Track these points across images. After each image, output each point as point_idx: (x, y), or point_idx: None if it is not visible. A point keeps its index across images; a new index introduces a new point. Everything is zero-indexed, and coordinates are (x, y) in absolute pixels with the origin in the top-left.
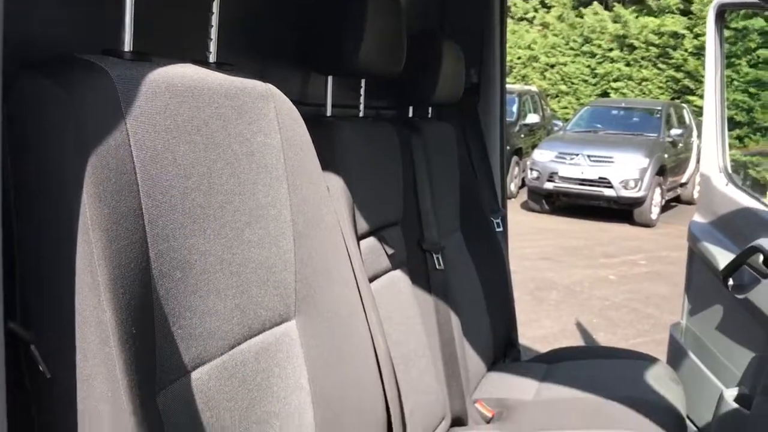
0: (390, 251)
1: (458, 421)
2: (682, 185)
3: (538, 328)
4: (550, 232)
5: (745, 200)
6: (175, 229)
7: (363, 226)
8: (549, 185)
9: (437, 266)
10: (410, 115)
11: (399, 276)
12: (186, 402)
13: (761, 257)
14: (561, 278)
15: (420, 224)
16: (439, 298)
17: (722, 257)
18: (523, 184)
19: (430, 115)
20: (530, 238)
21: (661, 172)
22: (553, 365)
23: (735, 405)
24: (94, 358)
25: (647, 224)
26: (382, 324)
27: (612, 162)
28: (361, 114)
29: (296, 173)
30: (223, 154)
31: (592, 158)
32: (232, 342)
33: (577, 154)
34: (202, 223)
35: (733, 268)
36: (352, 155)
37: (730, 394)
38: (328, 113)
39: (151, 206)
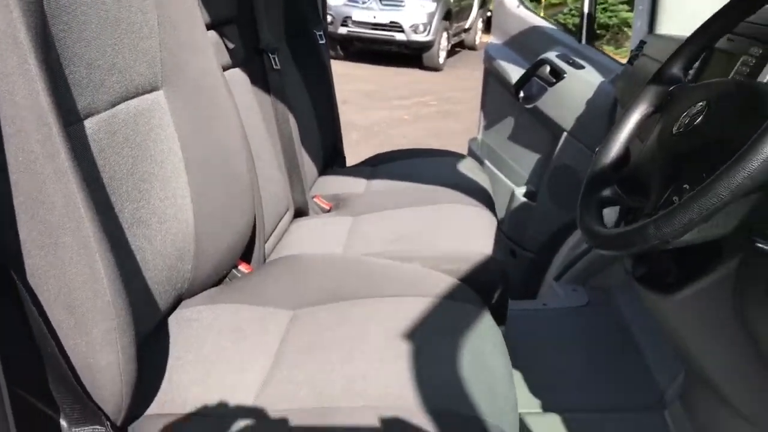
0: (231, 45)
1: (300, 212)
2: (465, 30)
3: None
4: (347, 77)
5: (534, 19)
6: None
7: (204, 17)
8: (343, 30)
9: (274, 66)
10: None
11: (239, 74)
12: (83, 146)
13: (548, 68)
14: (360, 120)
15: (255, 25)
16: (277, 98)
17: (514, 72)
18: None
19: None
20: None
21: (447, 17)
22: (378, 166)
23: (524, 199)
24: (14, 74)
25: (435, 68)
26: None
27: (402, 6)
28: None
29: None
30: None
31: (383, 2)
32: (113, 99)
33: None
34: None
35: (523, 81)
36: None
37: (520, 191)
38: None
39: None
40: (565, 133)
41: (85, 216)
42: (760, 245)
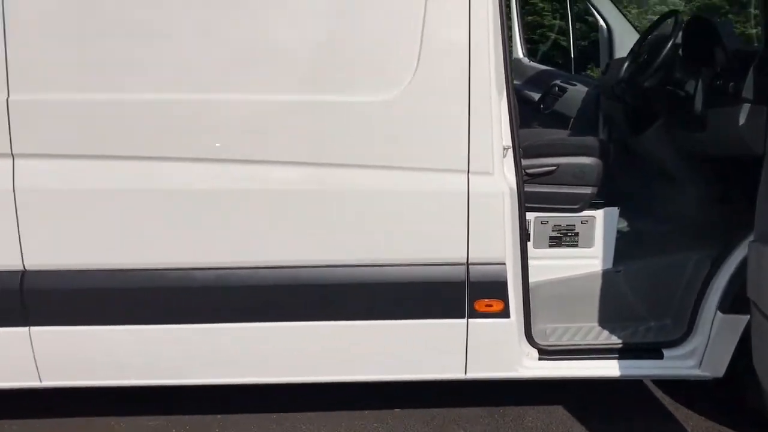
0: None
1: None
2: None
3: None
4: None
5: (541, 66)
6: None
7: None
8: None
9: None
10: None
11: None
12: None
13: (557, 88)
14: None
15: None
16: None
17: (534, 95)
18: None
19: None
20: None
21: None
22: None
23: None
24: None
25: None
26: None
27: None
28: None
29: None
30: None
31: None
32: None
33: None
34: None
35: (543, 96)
36: None
37: None
38: None
39: None
40: (572, 119)
41: None
42: None
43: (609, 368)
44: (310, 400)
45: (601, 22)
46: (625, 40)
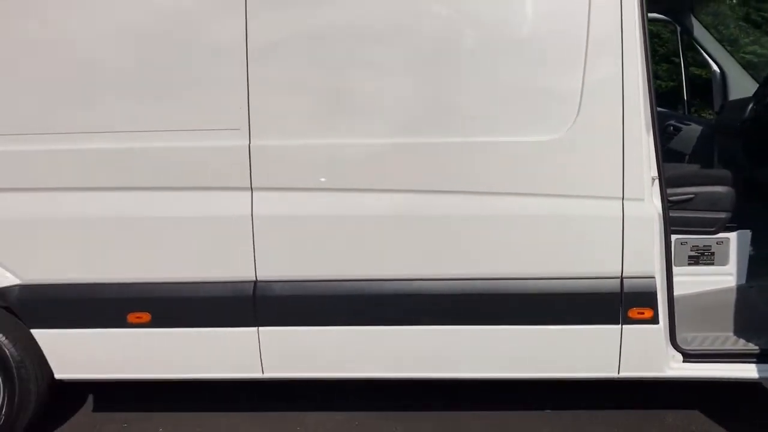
0: None
1: None
2: None
3: None
4: None
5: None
6: None
7: None
8: None
9: None
10: None
11: None
12: None
13: (671, 127)
14: None
15: None
16: None
17: None
18: None
19: None
20: None
21: None
22: None
23: None
24: None
25: None
26: None
27: None
28: None
29: None
30: None
31: None
32: None
33: None
34: None
35: None
36: None
37: None
38: None
39: None
40: (687, 156)
41: None
42: None
43: (747, 371)
44: (474, 401)
45: (714, 66)
46: (737, 82)
